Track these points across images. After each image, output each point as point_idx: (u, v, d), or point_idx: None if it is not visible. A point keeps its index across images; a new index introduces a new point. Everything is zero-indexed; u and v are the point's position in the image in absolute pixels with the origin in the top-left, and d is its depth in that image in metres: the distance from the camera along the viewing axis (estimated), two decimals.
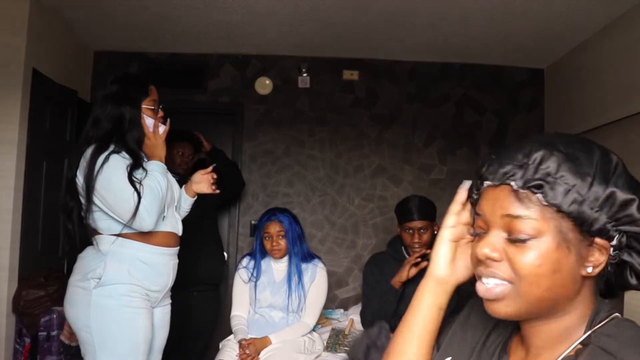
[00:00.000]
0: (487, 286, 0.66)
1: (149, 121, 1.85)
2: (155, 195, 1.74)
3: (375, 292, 2.50)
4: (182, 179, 2.14)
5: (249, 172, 3.68)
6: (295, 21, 3.07)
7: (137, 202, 1.68)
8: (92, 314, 1.67)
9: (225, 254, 3.50)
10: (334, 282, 3.58)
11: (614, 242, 0.64)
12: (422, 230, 2.39)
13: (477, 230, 0.70)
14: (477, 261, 0.68)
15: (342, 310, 3.24)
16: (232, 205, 3.65)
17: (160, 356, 1.96)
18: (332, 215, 3.68)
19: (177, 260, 1.93)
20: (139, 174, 1.76)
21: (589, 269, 0.64)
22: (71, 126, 3.21)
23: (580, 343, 0.65)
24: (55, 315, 2.60)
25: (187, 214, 2.07)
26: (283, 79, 3.71)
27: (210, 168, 2.07)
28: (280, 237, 2.45)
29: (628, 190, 0.63)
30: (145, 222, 1.72)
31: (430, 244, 2.43)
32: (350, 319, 2.85)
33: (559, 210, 0.62)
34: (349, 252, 3.66)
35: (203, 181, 2.04)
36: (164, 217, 1.85)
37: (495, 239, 0.66)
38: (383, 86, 3.73)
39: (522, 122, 3.75)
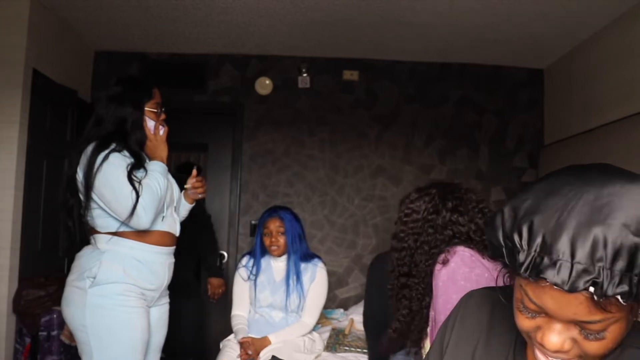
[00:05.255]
0: None
1: (150, 123, 1.87)
2: (154, 194, 1.74)
3: (379, 294, 2.50)
4: None
5: (249, 172, 3.68)
6: (295, 21, 3.07)
7: (135, 200, 1.69)
8: (87, 313, 1.67)
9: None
10: (334, 282, 3.58)
11: None
12: None
13: (531, 311, 0.64)
14: (538, 344, 0.65)
15: (342, 310, 3.25)
16: (233, 205, 3.65)
17: (158, 355, 1.96)
18: (332, 215, 3.68)
19: (173, 260, 1.93)
20: (139, 173, 1.77)
21: None
22: (71, 126, 3.21)
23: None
24: (55, 315, 2.60)
25: (184, 219, 2.07)
26: (283, 79, 3.71)
27: (195, 172, 2.07)
28: (280, 233, 2.44)
29: None
30: (142, 220, 1.72)
31: None
32: (350, 319, 2.86)
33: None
34: (349, 252, 3.66)
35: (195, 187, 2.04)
36: (163, 217, 1.85)
37: (564, 334, 0.62)
38: (383, 86, 3.74)
39: (521, 123, 3.75)
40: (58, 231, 3.07)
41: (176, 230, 1.94)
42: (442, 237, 1.52)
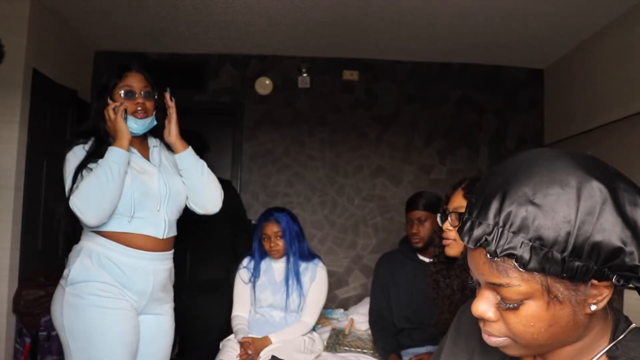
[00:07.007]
0: (489, 338, 0.66)
1: (111, 105, 1.72)
2: (90, 188, 1.59)
3: (384, 291, 2.51)
4: None
5: (249, 172, 3.68)
6: (295, 21, 3.07)
7: (68, 197, 1.61)
8: (64, 313, 1.60)
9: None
10: (334, 282, 3.58)
11: (615, 281, 0.59)
12: (419, 221, 2.42)
13: (474, 281, 0.67)
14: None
15: (342, 310, 3.24)
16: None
17: None
18: (332, 215, 3.68)
19: (164, 267, 1.76)
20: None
21: (593, 307, 0.60)
22: (71, 126, 3.21)
23: (607, 356, 0.64)
24: None
25: (195, 173, 1.87)
26: (283, 79, 3.71)
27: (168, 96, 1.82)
28: (278, 237, 2.44)
29: (616, 232, 0.56)
30: (83, 217, 1.59)
31: (431, 237, 2.39)
32: (350, 319, 2.86)
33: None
34: (349, 252, 3.66)
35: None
36: (131, 216, 1.68)
37: (488, 300, 0.63)
38: (383, 86, 3.74)
39: (521, 123, 3.76)
40: (58, 231, 3.07)
41: (159, 233, 1.73)
42: None
